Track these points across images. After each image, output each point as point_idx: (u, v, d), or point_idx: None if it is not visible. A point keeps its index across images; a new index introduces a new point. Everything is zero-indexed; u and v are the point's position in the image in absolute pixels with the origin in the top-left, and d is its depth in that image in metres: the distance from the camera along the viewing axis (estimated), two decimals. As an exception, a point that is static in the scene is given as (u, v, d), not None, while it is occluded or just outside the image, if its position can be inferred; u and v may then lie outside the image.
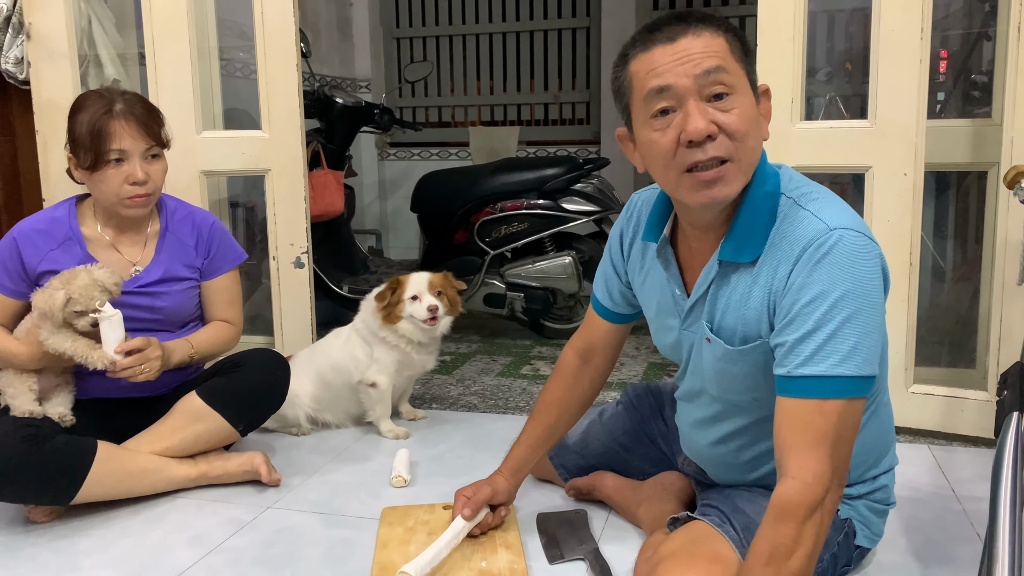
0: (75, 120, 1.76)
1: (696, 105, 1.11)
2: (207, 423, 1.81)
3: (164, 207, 1.93)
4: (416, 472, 1.94)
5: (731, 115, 1.12)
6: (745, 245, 1.19)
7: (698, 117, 1.10)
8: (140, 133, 1.76)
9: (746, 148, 1.14)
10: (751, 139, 1.14)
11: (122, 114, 1.74)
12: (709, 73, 1.11)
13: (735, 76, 1.13)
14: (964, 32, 2.66)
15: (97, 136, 1.72)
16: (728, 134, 1.12)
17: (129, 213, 1.81)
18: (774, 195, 1.19)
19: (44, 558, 1.56)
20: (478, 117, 5.13)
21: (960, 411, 2.07)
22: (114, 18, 2.71)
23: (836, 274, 1.10)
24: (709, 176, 1.14)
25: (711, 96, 1.11)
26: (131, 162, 1.75)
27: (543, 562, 1.50)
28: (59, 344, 1.69)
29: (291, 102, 2.43)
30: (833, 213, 1.14)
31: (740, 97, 1.13)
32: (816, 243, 1.12)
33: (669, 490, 1.58)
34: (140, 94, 1.85)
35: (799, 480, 1.08)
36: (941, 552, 1.51)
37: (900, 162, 2.01)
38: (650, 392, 1.73)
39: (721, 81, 1.11)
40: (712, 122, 1.11)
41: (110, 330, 1.71)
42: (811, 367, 1.10)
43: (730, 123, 1.12)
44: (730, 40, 1.15)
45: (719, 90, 1.11)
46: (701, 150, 1.12)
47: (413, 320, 2.14)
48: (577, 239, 3.23)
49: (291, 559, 1.54)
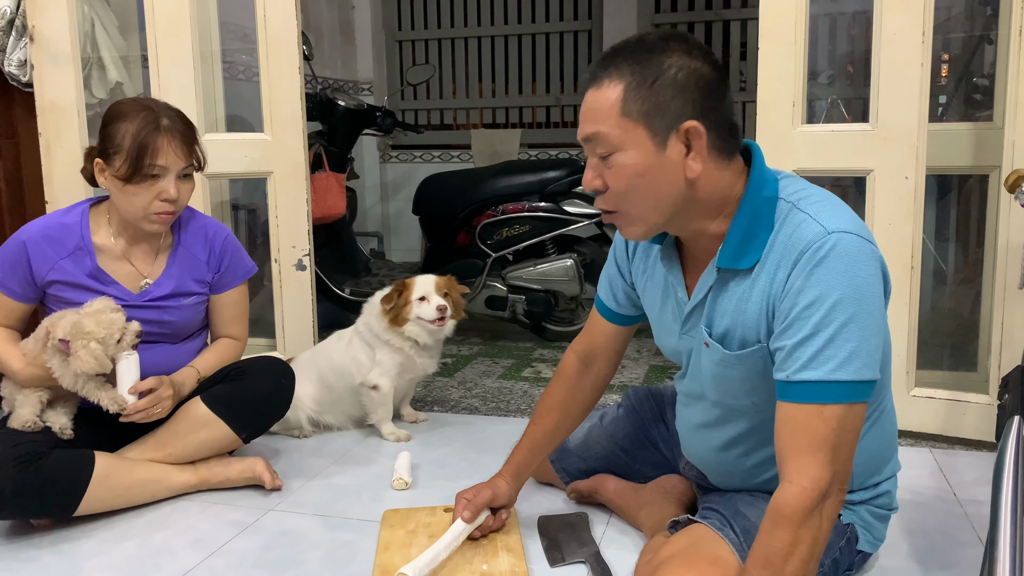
0: (115, 128, 1.71)
1: (590, 161, 1.21)
2: (211, 430, 1.81)
3: (178, 219, 1.89)
4: (417, 475, 1.94)
5: (610, 173, 1.18)
6: (743, 252, 1.19)
7: (586, 173, 1.22)
8: (183, 152, 1.73)
9: (630, 201, 1.19)
10: (635, 193, 1.18)
11: (168, 130, 1.71)
12: (588, 140, 1.19)
13: (618, 134, 1.15)
14: (966, 35, 2.66)
15: (142, 149, 1.68)
16: (611, 189, 1.19)
17: (151, 228, 1.78)
18: (772, 200, 1.19)
19: (46, 560, 1.56)
20: (480, 120, 5.14)
21: (962, 415, 2.07)
22: (117, 21, 2.72)
23: (834, 278, 1.10)
24: (609, 221, 1.24)
25: (599, 155, 1.19)
26: (167, 179, 1.72)
27: (544, 565, 1.50)
28: (69, 384, 1.67)
29: (293, 105, 2.43)
30: (831, 216, 1.14)
31: (622, 155, 1.16)
32: (814, 246, 1.12)
33: (670, 493, 1.58)
34: (178, 108, 1.81)
35: (796, 484, 1.08)
36: (943, 556, 1.51)
37: (902, 165, 2.01)
38: (651, 396, 1.73)
39: (600, 143, 1.18)
40: (599, 177, 1.20)
41: (126, 369, 1.69)
42: (809, 372, 1.10)
43: (610, 180, 1.19)
44: (628, 88, 1.14)
45: (599, 152, 1.19)
46: (598, 200, 1.23)
47: (420, 322, 2.14)
48: (579, 241, 3.23)
49: (293, 562, 1.54)
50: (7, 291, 1.78)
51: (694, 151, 1.16)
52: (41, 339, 1.71)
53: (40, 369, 1.70)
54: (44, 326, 1.71)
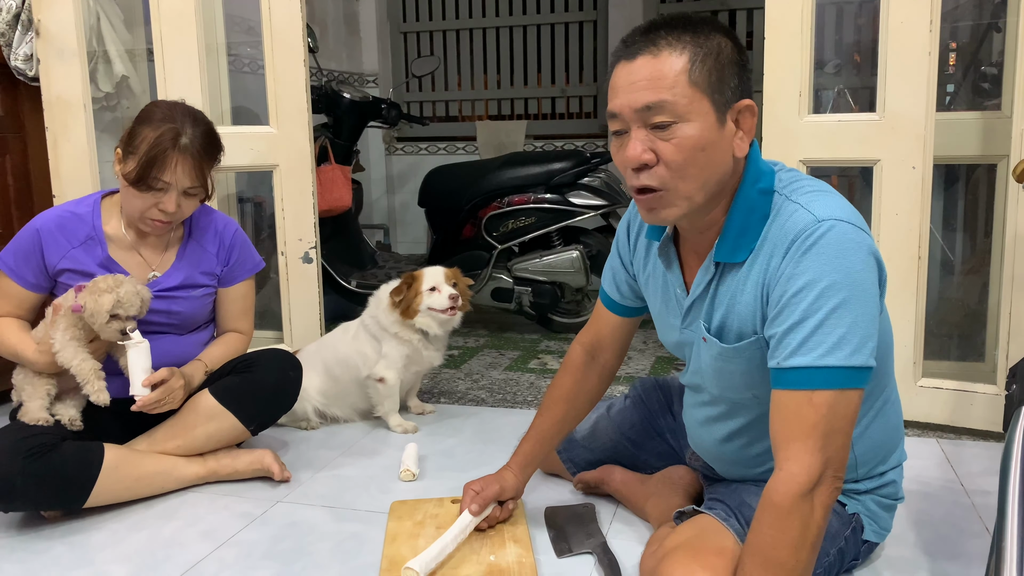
0: (139, 130, 1.72)
1: (636, 132, 1.14)
2: (219, 422, 1.82)
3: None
4: (425, 466, 1.95)
5: (669, 145, 1.13)
6: (739, 245, 1.19)
7: (634, 145, 1.14)
8: (191, 173, 1.73)
9: (685, 177, 1.14)
10: (693, 167, 1.14)
11: (183, 150, 1.70)
12: (649, 108, 1.12)
13: (684, 103, 1.11)
14: (973, 23, 2.64)
15: (152, 161, 1.68)
16: (665, 164, 1.14)
17: (145, 230, 1.80)
18: (768, 192, 1.19)
19: (58, 551, 1.58)
20: (485, 111, 5.13)
21: (969, 405, 2.07)
22: (122, 15, 2.73)
23: (823, 264, 1.09)
24: (646, 201, 1.18)
25: (653, 125, 1.13)
26: (169, 194, 1.72)
27: (551, 556, 1.50)
28: (67, 358, 1.67)
29: (298, 97, 2.43)
30: (823, 205, 1.14)
31: (685, 126, 1.12)
32: (805, 233, 1.12)
33: (677, 484, 1.59)
34: (210, 124, 1.80)
35: (786, 471, 1.09)
36: (950, 546, 1.51)
37: (909, 155, 2.00)
38: (658, 386, 1.74)
39: (662, 112, 1.12)
40: (651, 150, 1.13)
41: (137, 358, 1.70)
42: (798, 358, 1.10)
43: (667, 153, 1.13)
44: (693, 61, 1.12)
45: (659, 121, 1.12)
46: (636, 176, 1.16)
47: (431, 312, 2.15)
48: (584, 233, 3.23)
49: (301, 553, 1.55)
50: (20, 279, 1.79)
51: (742, 131, 1.16)
52: (49, 317, 1.73)
53: (51, 355, 1.70)
54: (51, 305, 1.74)
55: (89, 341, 1.72)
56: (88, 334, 1.71)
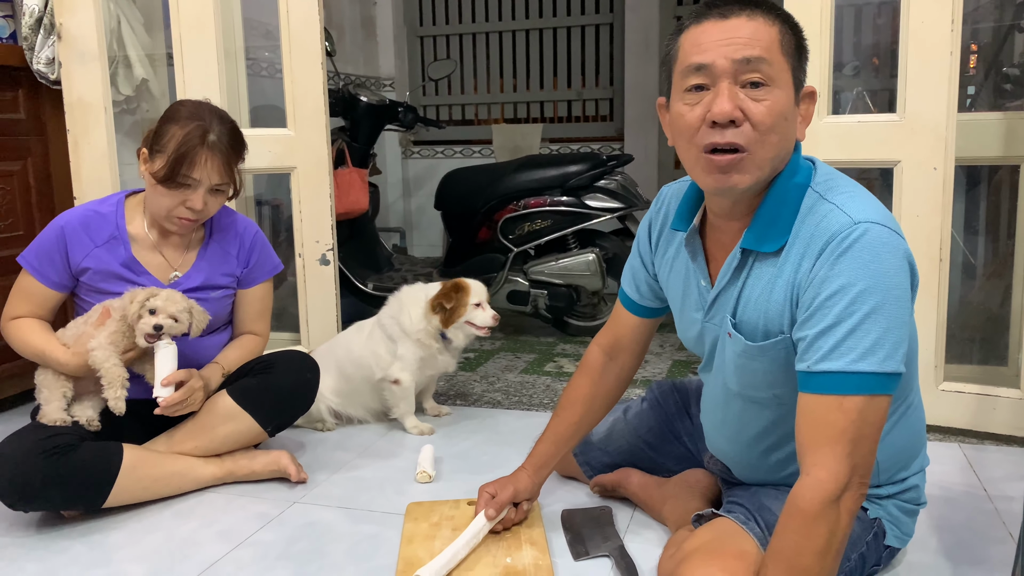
0: (166, 129, 1.73)
1: (728, 87, 1.11)
2: (237, 423, 1.83)
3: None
4: (441, 468, 1.95)
5: (760, 105, 1.11)
6: (768, 234, 1.18)
7: (726, 99, 1.11)
8: (220, 170, 1.74)
9: (767, 142, 1.13)
10: (775, 134, 1.13)
11: (212, 147, 1.72)
12: (749, 61, 1.11)
13: (777, 69, 1.12)
14: (995, 24, 2.61)
15: (181, 158, 1.70)
16: (753, 124, 1.12)
17: (171, 228, 1.81)
18: (802, 187, 1.18)
19: (76, 551, 1.59)
20: (501, 114, 5.13)
21: (992, 409, 2.04)
22: (143, 19, 2.75)
23: (858, 268, 1.08)
24: (723, 162, 1.14)
25: (746, 83, 1.12)
26: (197, 191, 1.74)
27: (568, 559, 1.50)
28: (101, 359, 1.68)
29: (316, 101, 2.44)
30: (859, 206, 1.13)
31: (776, 91, 1.12)
32: (840, 236, 1.10)
33: (694, 487, 1.57)
34: (235, 122, 1.81)
35: (813, 477, 1.07)
36: (972, 552, 1.49)
37: (930, 156, 1.98)
38: (675, 389, 1.72)
39: (759, 70, 1.11)
40: (739, 108, 1.11)
41: (164, 359, 1.71)
42: (830, 362, 1.08)
43: (757, 113, 1.11)
44: (783, 32, 1.14)
45: (755, 78, 1.11)
46: (720, 133, 1.12)
47: (467, 327, 2.18)
48: (601, 236, 3.22)
49: (317, 554, 1.55)
50: (43, 279, 1.79)
51: (803, 117, 1.18)
52: (95, 316, 1.75)
53: (83, 357, 1.71)
54: (103, 304, 1.76)
55: (123, 352, 1.73)
56: (126, 344, 1.72)
